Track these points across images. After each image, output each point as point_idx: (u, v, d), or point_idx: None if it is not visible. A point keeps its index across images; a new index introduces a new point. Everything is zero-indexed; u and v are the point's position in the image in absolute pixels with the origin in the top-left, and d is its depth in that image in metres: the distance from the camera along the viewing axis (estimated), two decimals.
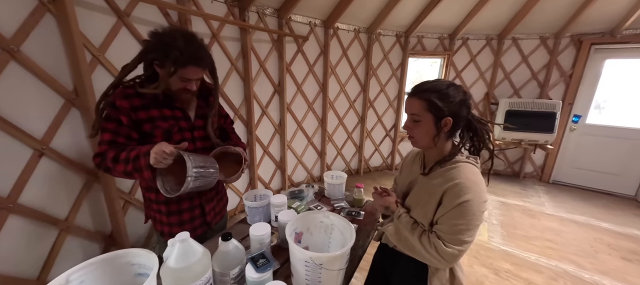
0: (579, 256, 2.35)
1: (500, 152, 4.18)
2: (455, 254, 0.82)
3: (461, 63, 3.87)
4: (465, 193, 0.80)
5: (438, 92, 0.84)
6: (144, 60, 1.02)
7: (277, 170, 3.22)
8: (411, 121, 0.90)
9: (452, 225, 0.81)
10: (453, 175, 0.84)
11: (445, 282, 0.91)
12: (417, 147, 0.97)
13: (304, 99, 3.20)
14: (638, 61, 3.27)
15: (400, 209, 0.97)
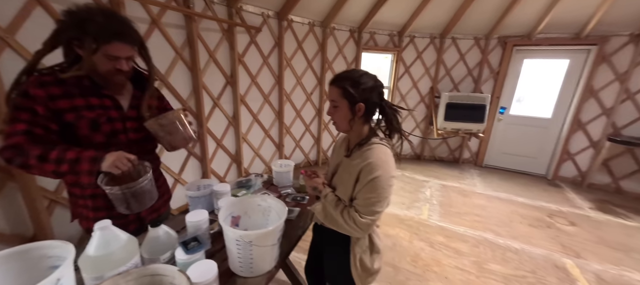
0: (497, 226, 2.77)
1: (443, 140, 4.64)
2: (368, 223, 0.94)
3: (410, 59, 4.18)
4: (375, 170, 0.92)
5: (351, 80, 0.95)
6: (60, 42, 0.93)
7: (233, 163, 3.18)
8: (331, 107, 1.01)
9: (365, 199, 0.94)
10: (367, 155, 0.96)
11: (365, 248, 1.04)
12: (338, 131, 1.07)
13: (259, 91, 3.19)
14: (548, 61, 3.88)
15: (326, 189, 1.07)
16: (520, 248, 2.43)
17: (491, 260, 2.25)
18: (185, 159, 2.59)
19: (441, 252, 2.33)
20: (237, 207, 1.13)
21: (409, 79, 4.30)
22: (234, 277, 0.99)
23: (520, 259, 2.28)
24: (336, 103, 0.98)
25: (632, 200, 3.50)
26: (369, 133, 1.03)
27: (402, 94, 4.37)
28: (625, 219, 3.03)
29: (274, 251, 1.02)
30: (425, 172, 4.17)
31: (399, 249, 2.34)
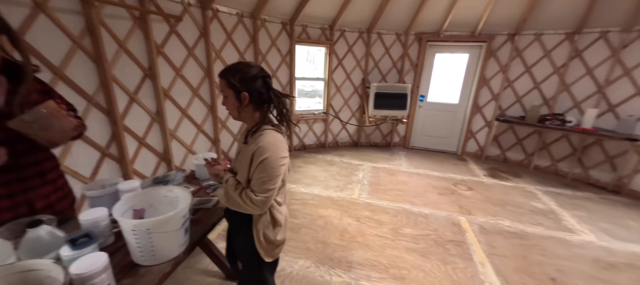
0: (414, 197, 3.23)
1: (376, 127, 5.10)
2: (263, 200, 1.06)
3: (342, 52, 4.45)
4: (265, 153, 1.03)
5: (235, 71, 1.04)
6: None
7: (161, 162, 2.98)
8: (223, 97, 1.08)
9: (258, 178, 1.05)
10: (258, 140, 1.06)
11: (267, 223, 1.16)
12: (233, 118, 1.15)
13: (187, 85, 3.03)
14: (453, 55, 4.58)
15: (226, 175, 1.15)
16: (429, 213, 2.90)
17: (405, 226, 2.64)
18: (98, 161, 2.34)
19: (366, 225, 2.63)
20: (139, 200, 1.12)
21: (343, 71, 4.58)
22: (136, 267, 1.01)
23: (428, 222, 2.73)
24: (225, 93, 1.07)
25: (513, 166, 4.44)
26: (260, 120, 1.13)
27: (337, 85, 4.64)
28: (506, 181, 3.85)
29: (179, 237, 1.06)
30: (360, 157, 4.55)
31: (329, 227, 2.56)
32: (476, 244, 2.40)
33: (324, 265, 2.06)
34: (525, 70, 4.12)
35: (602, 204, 3.28)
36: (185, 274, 1.91)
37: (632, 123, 3.32)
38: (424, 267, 2.10)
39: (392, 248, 2.30)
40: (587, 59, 3.67)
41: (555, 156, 4.15)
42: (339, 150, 4.84)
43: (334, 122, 4.88)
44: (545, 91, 4.06)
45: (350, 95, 4.80)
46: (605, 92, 3.61)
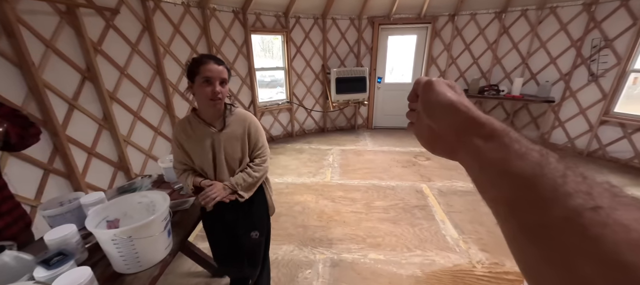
0: (381, 172, 3.48)
1: (340, 112, 5.26)
2: (269, 157, 1.30)
3: (299, 39, 4.43)
4: (254, 120, 1.26)
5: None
6: None
7: (118, 171, 2.73)
8: (222, 85, 1.14)
9: (260, 143, 1.28)
10: (242, 116, 1.22)
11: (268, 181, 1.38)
12: (219, 107, 1.19)
13: (135, 84, 2.77)
14: (404, 37, 4.88)
15: (233, 179, 1.23)
16: (396, 185, 3.17)
17: (376, 199, 2.86)
18: (41, 179, 2.06)
19: (341, 204, 2.79)
20: (111, 211, 1.07)
21: (302, 59, 4.58)
22: (121, 276, 0.98)
23: (395, 193, 2.99)
24: (226, 80, 1.15)
25: None
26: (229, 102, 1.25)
27: (298, 73, 4.64)
28: None
29: (164, 239, 1.04)
30: (328, 142, 4.69)
31: (307, 212, 2.66)
32: (437, 205, 2.72)
33: (306, 246, 2.16)
34: (465, 48, 4.60)
35: None
36: (168, 279, 1.85)
37: (548, 88, 3.98)
38: (395, 232, 2.33)
39: (366, 220, 2.49)
40: (512, 35, 4.23)
41: None
42: (306, 138, 4.91)
43: (299, 110, 4.91)
44: (482, 65, 4.60)
45: (312, 83, 4.85)
46: (528, 62, 4.23)
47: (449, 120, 0.30)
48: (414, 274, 1.89)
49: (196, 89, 1.13)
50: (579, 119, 3.90)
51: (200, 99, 1.15)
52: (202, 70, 1.09)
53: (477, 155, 0.27)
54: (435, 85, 0.32)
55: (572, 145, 4.04)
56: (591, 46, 3.59)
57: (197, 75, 1.10)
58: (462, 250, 2.11)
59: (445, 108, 0.30)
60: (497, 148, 0.25)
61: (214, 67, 1.10)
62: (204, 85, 1.10)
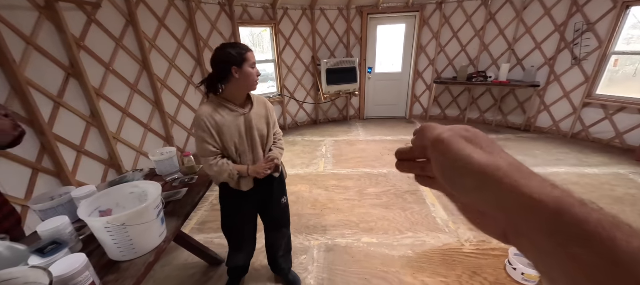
0: (373, 161, 3.54)
1: (332, 103, 5.28)
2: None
3: (288, 31, 4.40)
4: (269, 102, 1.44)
5: None
6: None
7: (109, 169, 2.71)
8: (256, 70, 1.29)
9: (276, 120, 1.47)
10: (260, 100, 1.39)
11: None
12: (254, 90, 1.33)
13: (122, 81, 2.73)
14: (393, 26, 4.89)
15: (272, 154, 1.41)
16: (388, 172, 3.23)
17: (369, 187, 2.92)
18: (31, 178, 2.04)
19: (334, 192, 2.84)
20: (103, 201, 1.08)
21: (292, 51, 4.56)
22: (117, 264, 1.00)
23: (387, 180, 3.05)
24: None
25: (452, 122, 5.05)
26: None
27: (289, 66, 4.62)
28: None
29: (157, 227, 1.06)
30: (321, 134, 4.72)
31: (301, 201, 2.70)
32: (427, 190, 2.79)
33: (301, 234, 2.20)
34: (453, 35, 4.65)
35: (518, 142, 4.03)
36: (165, 271, 1.87)
37: (534, 73, 4.07)
38: (388, 217, 2.39)
39: (359, 207, 2.55)
40: (499, 21, 4.29)
41: (482, 108, 4.88)
42: (299, 130, 4.93)
43: (291, 103, 4.90)
44: (470, 53, 4.66)
45: (302, 75, 4.84)
46: (514, 48, 4.31)
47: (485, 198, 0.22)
48: (406, 255, 1.96)
49: (243, 74, 1.23)
50: (563, 102, 4.02)
51: (246, 82, 1.26)
52: (249, 57, 1.24)
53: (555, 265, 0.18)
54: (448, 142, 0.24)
55: (557, 128, 4.17)
56: (574, 30, 3.68)
57: (246, 61, 1.23)
58: (451, 230, 2.19)
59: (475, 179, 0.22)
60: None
61: (253, 55, 1.28)
62: (253, 69, 1.26)
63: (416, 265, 1.87)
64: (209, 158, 1.27)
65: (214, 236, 2.22)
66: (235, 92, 1.29)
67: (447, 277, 1.76)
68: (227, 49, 1.23)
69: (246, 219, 1.54)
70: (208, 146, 1.26)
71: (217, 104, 1.28)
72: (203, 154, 1.28)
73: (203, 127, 1.23)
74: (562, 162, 3.30)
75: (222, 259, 1.93)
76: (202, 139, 1.25)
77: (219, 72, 1.25)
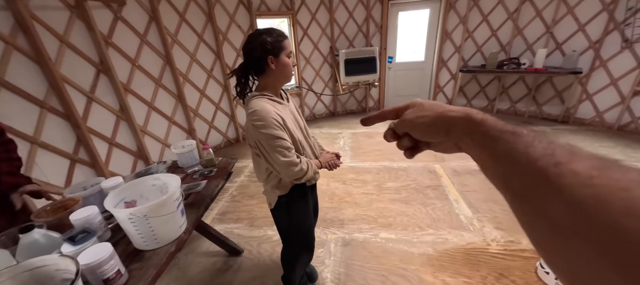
0: (392, 154, 3.43)
1: (350, 94, 5.17)
2: None
3: (305, 21, 4.32)
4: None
5: None
6: None
7: (137, 160, 2.87)
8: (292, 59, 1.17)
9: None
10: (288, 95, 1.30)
11: None
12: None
13: (147, 76, 2.84)
14: (416, 12, 4.64)
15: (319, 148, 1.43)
16: (408, 166, 3.12)
17: (388, 181, 2.84)
18: (69, 168, 2.21)
19: (352, 186, 2.80)
20: (128, 192, 1.12)
21: (310, 42, 4.49)
22: (141, 253, 1.04)
23: (407, 174, 2.95)
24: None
25: None
26: None
27: (307, 57, 4.57)
28: None
29: (177, 218, 1.09)
30: (338, 126, 4.66)
31: (319, 194, 2.65)
32: (450, 185, 2.67)
33: (318, 227, 2.20)
34: (483, 19, 4.31)
35: (554, 134, 3.71)
36: (188, 258, 1.96)
37: (575, 58, 3.69)
38: (407, 212, 2.32)
39: (378, 201, 2.49)
40: (536, 2, 3.91)
41: (513, 98, 4.53)
42: (317, 122, 4.90)
43: (309, 95, 4.87)
44: (501, 37, 4.31)
45: (320, 66, 4.77)
46: (553, 31, 3.92)
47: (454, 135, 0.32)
48: (426, 252, 1.89)
49: (280, 63, 1.11)
50: (610, 90, 3.62)
51: (283, 73, 1.14)
52: (286, 45, 1.12)
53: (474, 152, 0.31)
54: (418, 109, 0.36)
55: (600, 120, 3.78)
56: (626, 8, 3.26)
57: (283, 50, 1.11)
58: (476, 228, 2.08)
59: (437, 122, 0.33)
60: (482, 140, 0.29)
61: (289, 42, 1.16)
62: (288, 58, 1.14)
63: (437, 264, 1.80)
64: (291, 156, 1.10)
65: (233, 227, 2.28)
66: (271, 84, 1.16)
67: (470, 278, 1.68)
68: (262, 36, 1.09)
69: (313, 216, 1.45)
70: (285, 142, 1.09)
71: (263, 96, 1.14)
72: (281, 152, 1.08)
73: (273, 123, 1.06)
74: None
75: (241, 249, 1.99)
76: (276, 136, 1.07)
77: (253, 62, 1.12)
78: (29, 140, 1.93)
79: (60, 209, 1.16)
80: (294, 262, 1.43)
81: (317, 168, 1.24)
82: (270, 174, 1.22)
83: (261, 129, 1.06)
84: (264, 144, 1.09)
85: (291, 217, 1.31)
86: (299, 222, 1.34)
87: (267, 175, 1.23)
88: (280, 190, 1.24)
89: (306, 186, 1.27)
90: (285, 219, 1.33)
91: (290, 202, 1.27)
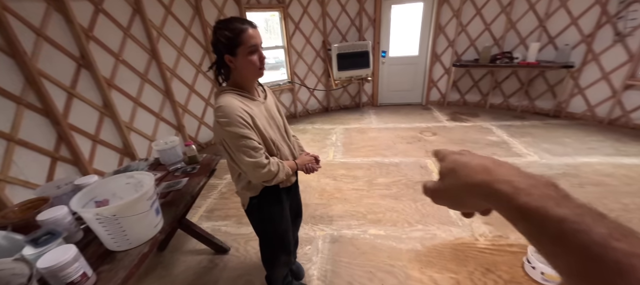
0: (384, 149, 3.41)
1: (343, 89, 5.13)
2: None
3: (297, 15, 4.25)
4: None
5: None
6: None
7: (124, 157, 2.81)
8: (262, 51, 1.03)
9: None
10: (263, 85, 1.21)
11: None
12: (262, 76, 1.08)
13: (131, 71, 2.77)
14: (409, 5, 4.58)
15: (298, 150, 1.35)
16: (399, 161, 3.10)
17: (379, 177, 2.82)
18: (50, 166, 2.15)
19: (342, 182, 2.77)
20: (99, 191, 1.08)
21: (301, 36, 4.42)
22: (113, 254, 1.00)
23: (398, 169, 2.93)
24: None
25: (472, 108, 4.79)
26: None
27: (299, 52, 4.50)
28: (465, 122, 4.18)
29: (151, 218, 1.05)
30: (331, 121, 4.62)
31: (308, 190, 2.66)
32: None
33: (307, 224, 2.18)
34: (476, 13, 4.28)
35: (545, 129, 3.72)
36: (173, 256, 1.93)
37: (568, 52, 3.68)
38: (397, 208, 2.30)
39: (368, 197, 2.47)
40: None
41: (506, 92, 4.53)
42: (310, 118, 4.86)
43: (301, 90, 4.82)
44: (494, 31, 4.29)
45: (313, 61, 4.70)
46: (546, 25, 3.89)
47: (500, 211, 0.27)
48: (414, 248, 1.88)
49: (240, 62, 0.98)
50: (601, 84, 3.62)
51: (248, 71, 1.02)
52: (245, 39, 0.96)
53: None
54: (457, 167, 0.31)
55: (591, 114, 3.79)
56: (618, 1, 3.24)
57: (241, 45, 0.96)
58: (464, 224, 2.07)
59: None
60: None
61: (254, 31, 0.98)
62: (251, 55, 0.99)
63: (425, 260, 1.78)
64: (258, 156, 1.00)
65: (221, 224, 2.25)
66: (238, 80, 1.05)
67: (457, 273, 1.67)
68: (220, 31, 0.97)
69: (290, 216, 1.35)
70: (251, 142, 0.99)
71: (235, 94, 1.03)
72: (246, 152, 0.99)
73: (239, 121, 0.97)
74: (595, 151, 3.00)
75: (228, 247, 1.96)
76: (242, 135, 0.98)
77: (217, 59, 1.03)
78: (6, 138, 1.86)
79: (30, 209, 1.12)
80: (272, 262, 1.39)
81: (292, 170, 1.17)
82: (240, 174, 1.14)
83: (225, 126, 0.97)
84: (229, 142, 1.00)
85: (264, 221, 1.24)
86: (271, 226, 1.26)
87: (237, 175, 1.16)
88: (250, 192, 1.16)
89: (280, 190, 1.20)
90: (258, 222, 1.27)
91: (262, 205, 1.19)
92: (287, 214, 1.30)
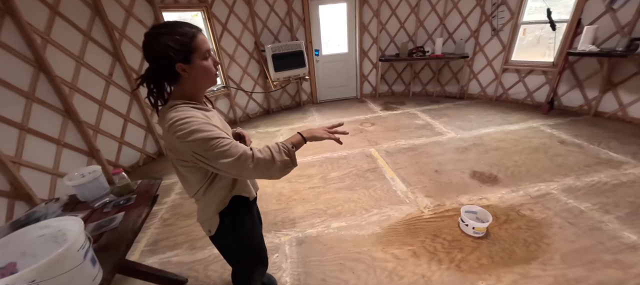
0: (332, 144, 3.53)
1: (282, 90, 5.08)
2: None
3: (223, 15, 3.98)
4: None
5: None
6: None
7: (14, 202, 2.14)
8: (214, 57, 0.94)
9: None
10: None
11: None
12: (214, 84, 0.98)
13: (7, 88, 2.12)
14: (334, 6, 4.82)
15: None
16: (347, 153, 3.27)
17: (331, 171, 2.92)
18: None
19: (298, 183, 2.76)
20: (1, 255, 0.80)
21: (231, 37, 4.17)
22: None
23: (348, 161, 3.10)
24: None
25: (399, 97, 5.40)
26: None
27: (230, 54, 4.23)
28: (396, 110, 4.68)
29: (87, 271, 0.84)
30: (275, 123, 4.53)
31: (265, 197, 2.56)
32: (385, 165, 2.92)
33: (269, 232, 2.10)
34: (392, 13, 4.82)
35: (455, 109, 4.48)
36: None
37: (463, 45, 4.50)
38: (353, 198, 2.43)
39: (325, 193, 2.54)
40: None
41: (423, 81, 5.27)
42: (252, 122, 4.65)
43: (239, 94, 4.56)
44: (408, 29, 4.92)
45: (247, 63, 4.50)
46: (445, 23, 4.67)
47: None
48: (374, 232, 2.02)
49: (195, 70, 0.87)
50: (487, 70, 4.57)
51: (204, 79, 0.91)
52: (198, 44, 0.86)
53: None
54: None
55: (484, 94, 4.75)
56: (492, 3, 4.13)
57: (195, 51, 0.85)
58: (411, 200, 2.34)
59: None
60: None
61: (203, 35, 0.89)
62: (206, 60, 0.89)
63: (385, 240, 1.95)
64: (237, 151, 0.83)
65: (170, 255, 1.96)
66: (189, 92, 0.92)
67: (412, 245, 1.88)
68: (163, 38, 0.81)
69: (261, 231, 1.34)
70: (224, 139, 0.83)
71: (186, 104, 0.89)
72: (224, 152, 0.82)
73: (196, 119, 0.83)
74: (490, 123, 3.79)
75: (185, 278, 1.73)
76: (212, 136, 0.82)
77: (159, 69, 0.86)
78: None
79: None
80: (248, 280, 1.29)
81: (295, 146, 0.93)
82: (207, 188, 0.99)
83: (188, 137, 0.80)
84: (202, 153, 0.83)
85: (238, 240, 1.12)
86: (247, 241, 1.16)
87: (203, 189, 0.99)
88: (221, 205, 1.03)
89: (249, 201, 1.13)
90: (232, 243, 1.14)
91: (235, 224, 1.08)
92: (257, 224, 1.24)
